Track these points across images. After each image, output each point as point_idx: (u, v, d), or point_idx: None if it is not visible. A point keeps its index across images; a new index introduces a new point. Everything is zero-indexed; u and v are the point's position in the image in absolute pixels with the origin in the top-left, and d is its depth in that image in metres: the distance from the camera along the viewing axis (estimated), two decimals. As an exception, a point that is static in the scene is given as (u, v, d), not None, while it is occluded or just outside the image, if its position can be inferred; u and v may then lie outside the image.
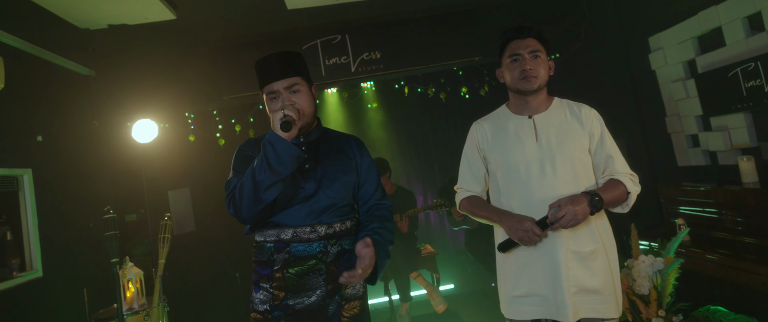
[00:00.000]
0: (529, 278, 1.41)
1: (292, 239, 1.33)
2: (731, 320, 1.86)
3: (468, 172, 1.58)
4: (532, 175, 1.44)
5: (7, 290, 2.53)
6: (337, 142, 1.50)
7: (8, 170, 2.70)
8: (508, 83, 1.52)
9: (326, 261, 1.34)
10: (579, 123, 1.49)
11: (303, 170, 1.39)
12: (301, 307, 1.32)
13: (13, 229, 2.83)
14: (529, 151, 1.46)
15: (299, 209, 1.35)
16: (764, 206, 2.18)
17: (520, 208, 1.44)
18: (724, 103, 2.60)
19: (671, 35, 2.95)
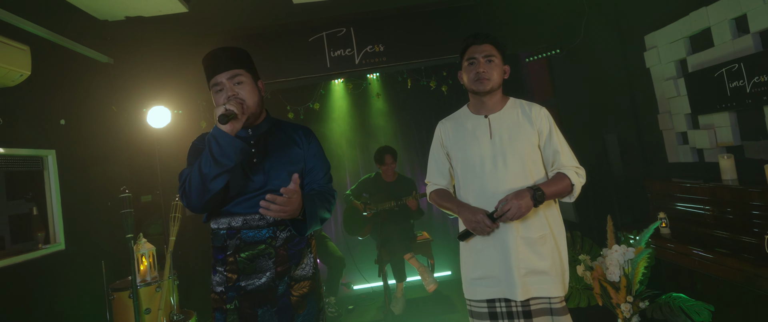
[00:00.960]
0: (484, 262, 1.59)
1: (243, 226, 1.44)
2: (689, 305, 1.99)
3: (434, 167, 1.77)
4: (486, 169, 1.60)
5: (33, 260, 2.78)
6: (286, 132, 1.58)
7: (34, 151, 2.93)
8: (466, 84, 1.69)
9: (275, 246, 1.46)
10: (529, 122, 1.65)
11: (251, 164, 1.48)
12: (252, 288, 1.43)
13: (39, 205, 3.08)
14: (483, 148, 1.63)
15: (249, 199, 1.45)
16: (739, 202, 2.29)
17: (476, 199, 1.61)
18: (710, 103, 2.69)
19: (665, 34, 3.03)
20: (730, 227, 2.32)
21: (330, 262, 3.60)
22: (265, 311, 1.43)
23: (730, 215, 2.34)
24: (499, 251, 1.57)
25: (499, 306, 1.58)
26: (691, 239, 2.40)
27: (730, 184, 2.39)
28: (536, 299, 1.56)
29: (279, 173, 1.49)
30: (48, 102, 3.05)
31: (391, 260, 3.45)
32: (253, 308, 1.43)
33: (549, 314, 1.55)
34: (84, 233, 3.17)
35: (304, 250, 1.53)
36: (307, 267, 1.53)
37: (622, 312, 2.11)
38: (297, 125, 1.64)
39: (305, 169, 1.58)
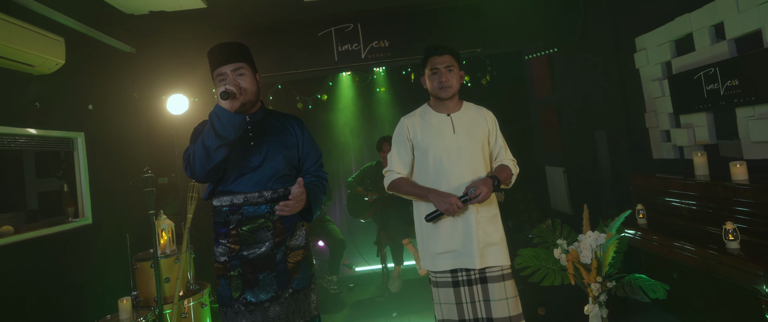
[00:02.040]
0: (447, 239, 1.84)
1: (244, 203, 1.67)
2: (647, 285, 2.21)
3: (398, 158, 1.95)
4: (451, 160, 1.86)
5: (64, 232, 3.09)
6: (280, 121, 1.80)
7: (66, 133, 3.22)
8: (430, 90, 1.94)
9: (273, 219, 1.69)
10: (483, 121, 1.94)
11: (249, 146, 1.70)
12: (254, 256, 1.67)
13: (69, 182, 3.38)
14: (448, 142, 1.88)
15: (248, 179, 1.68)
16: (707, 196, 2.49)
17: (441, 186, 1.86)
18: (690, 103, 2.88)
19: (653, 37, 3.21)
20: (699, 218, 2.53)
21: (332, 244, 3.87)
22: (265, 275, 1.67)
23: (699, 208, 2.55)
24: (463, 228, 1.82)
25: (461, 275, 1.84)
26: (666, 230, 2.62)
27: (702, 179, 2.59)
28: (491, 268, 1.83)
29: (275, 155, 1.72)
30: (78, 89, 3.34)
31: (390, 243, 3.70)
32: (254, 273, 1.67)
33: (501, 280, 1.83)
34: (109, 209, 3.47)
35: (297, 223, 1.77)
36: (300, 238, 1.77)
37: (592, 291, 2.34)
38: (290, 116, 1.86)
39: (300, 155, 1.81)
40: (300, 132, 1.82)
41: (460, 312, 1.83)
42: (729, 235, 2.10)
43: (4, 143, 2.77)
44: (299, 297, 1.73)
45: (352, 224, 4.60)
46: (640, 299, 2.32)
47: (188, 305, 2.99)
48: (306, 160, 1.83)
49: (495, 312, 1.79)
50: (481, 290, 1.82)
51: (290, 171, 1.77)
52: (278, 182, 1.73)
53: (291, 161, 1.77)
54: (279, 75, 4.11)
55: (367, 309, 3.33)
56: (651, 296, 2.16)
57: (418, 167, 1.94)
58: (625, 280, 2.32)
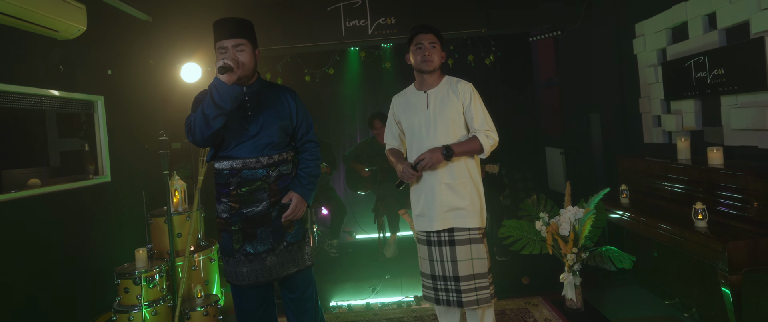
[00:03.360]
0: (420, 202, 2.08)
1: (242, 167, 1.87)
2: (616, 255, 2.38)
3: (389, 132, 2.24)
4: (424, 133, 2.07)
5: (85, 187, 3.34)
6: (275, 93, 1.97)
7: (87, 96, 3.43)
8: (413, 64, 2.11)
9: (269, 182, 1.90)
10: (455, 94, 2.07)
11: (247, 116, 1.87)
12: (252, 214, 1.89)
13: (90, 142, 3.62)
14: (421, 116, 2.07)
15: (246, 146, 1.86)
16: (687, 179, 2.63)
17: (417, 155, 2.05)
18: (680, 90, 2.98)
19: (651, 24, 3.28)
20: (679, 200, 2.68)
21: (334, 209, 4.09)
22: (262, 230, 1.90)
23: (679, 190, 2.70)
24: (428, 193, 2.04)
25: (432, 236, 2.06)
26: (647, 210, 2.76)
27: (683, 163, 2.72)
28: (458, 230, 2.02)
29: (271, 124, 1.90)
30: (98, 54, 3.52)
31: (387, 214, 3.91)
32: (253, 228, 1.89)
33: (468, 243, 2.02)
34: (126, 168, 3.71)
35: (289, 184, 1.99)
36: None
37: (567, 260, 2.53)
38: (284, 87, 2.03)
39: (293, 124, 1.99)
40: (293, 103, 1.99)
41: (432, 268, 2.08)
42: (698, 214, 2.25)
43: (31, 103, 2.98)
44: (293, 249, 1.95)
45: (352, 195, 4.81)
46: (609, 268, 2.50)
47: (198, 259, 3.24)
48: (299, 128, 2.02)
49: (460, 271, 2.01)
50: (449, 252, 2.03)
51: (285, 138, 1.96)
52: (274, 149, 1.92)
53: (285, 129, 1.95)
54: (288, 48, 4.25)
55: (363, 271, 3.57)
56: (617, 265, 2.34)
57: (406, 140, 2.17)
58: (597, 251, 2.50)
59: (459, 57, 4.68)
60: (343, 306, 3.22)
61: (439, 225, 2.01)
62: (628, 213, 2.82)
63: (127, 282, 2.82)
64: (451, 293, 2.02)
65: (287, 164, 1.99)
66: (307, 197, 1.99)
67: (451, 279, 2.02)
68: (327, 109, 5.16)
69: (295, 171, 2.04)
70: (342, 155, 4.53)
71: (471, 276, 2.01)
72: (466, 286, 2.00)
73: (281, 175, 1.95)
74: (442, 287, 2.05)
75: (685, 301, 2.64)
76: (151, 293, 2.87)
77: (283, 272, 1.93)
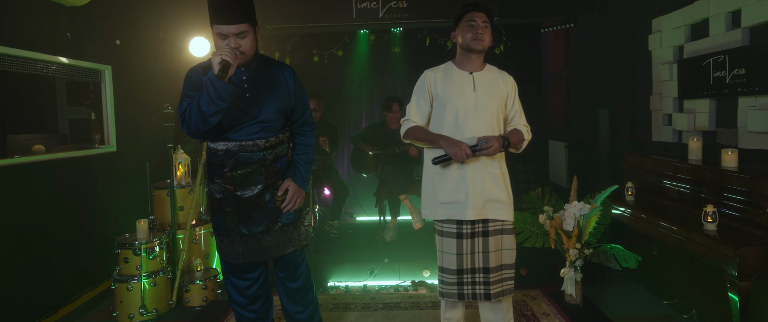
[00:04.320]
0: (453, 190, 1.86)
1: (239, 150, 1.72)
2: (621, 254, 2.25)
3: (417, 108, 1.95)
4: (467, 115, 1.87)
5: (91, 156, 3.22)
6: (273, 72, 1.77)
7: (94, 64, 3.28)
8: (461, 42, 1.89)
9: (265, 165, 1.77)
10: (503, 84, 1.93)
11: (244, 98, 1.70)
12: (246, 197, 1.77)
13: (96, 112, 3.49)
14: (467, 98, 1.88)
15: (243, 128, 1.71)
16: (697, 180, 2.48)
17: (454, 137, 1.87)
18: (695, 89, 2.80)
19: (670, 20, 3.08)
20: (686, 201, 2.54)
21: (335, 190, 3.97)
22: (257, 212, 1.79)
23: (687, 191, 2.55)
24: (469, 181, 1.84)
25: (465, 228, 1.85)
26: (652, 209, 2.63)
27: (693, 163, 2.57)
28: (493, 222, 1.87)
29: (269, 106, 1.74)
30: (107, 24, 3.36)
31: (389, 198, 3.79)
32: (247, 210, 1.77)
33: (501, 233, 1.89)
34: (132, 139, 3.59)
35: (285, 168, 1.87)
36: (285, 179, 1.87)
37: (570, 256, 2.40)
38: (283, 65, 1.84)
39: (291, 105, 1.83)
40: (292, 83, 1.82)
41: (459, 262, 1.87)
42: (708, 217, 2.11)
43: (37, 69, 2.85)
44: (289, 229, 1.85)
45: (355, 178, 4.69)
46: (613, 267, 2.37)
47: (199, 233, 3.14)
48: (296, 110, 1.87)
49: (491, 262, 1.87)
50: (481, 243, 1.87)
51: (282, 120, 1.83)
52: (271, 132, 1.78)
53: (283, 111, 1.81)
54: (298, 27, 4.07)
55: (362, 253, 3.47)
56: (622, 264, 2.21)
57: (435, 118, 1.94)
58: (601, 249, 2.37)
59: (469, 45, 4.49)
60: (340, 287, 3.13)
61: (476, 214, 1.83)
62: (633, 211, 2.68)
63: (127, 252, 2.73)
64: (477, 286, 1.86)
65: (283, 145, 1.86)
66: (304, 186, 1.88)
67: (479, 271, 1.86)
68: (334, 90, 4.99)
69: (291, 152, 1.91)
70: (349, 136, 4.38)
71: (499, 267, 1.88)
72: (494, 277, 1.87)
73: (278, 157, 1.83)
74: (468, 280, 1.87)
75: (684, 302, 2.52)
76: (151, 264, 2.78)
77: (279, 252, 1.84)
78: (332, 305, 2.75)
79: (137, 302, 2.70)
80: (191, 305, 2.89)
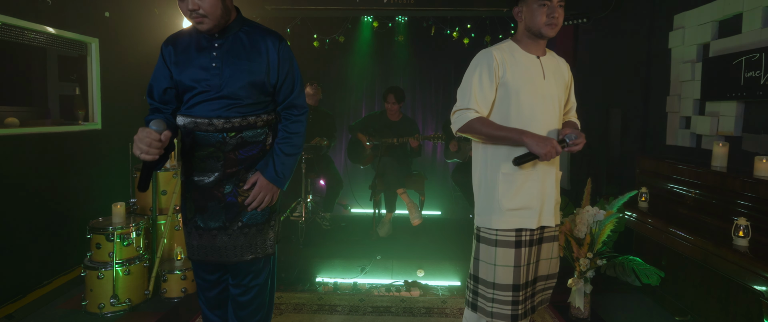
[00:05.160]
0: (525, 193, 1.49)
1: (194, 128, 1.41)
2: (641, 268, 1.95)
3: (480, 94, 1.48)
4: (538, 107, 1.50)
5: (73, 132, 2.90)
6: (254, 40, 1.43)
7: (79, 36, 2.95)
8: (529, 24, 1.49)
9: (225, 150, 1.42)
10: (565, 71, 1.62)
11: (210, 68, 1.38)
12: (202, 184, 1.44)
13: (81, 86, 3.16)
14: (538, 86, 1.50)
15: (203, 103, 1.40)
16: (723, 189, 2.16)
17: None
18: (721, 90, 2.47)
19: (694, 16, 2.74)
20: (706, 210, 2.22)
21: (330, 182, 3.65)
22: (213, 204, 1.45)
23: (708, 199, 2.23)
24: (544, 184, 1.50)
25: (524, 235, 1.50)
26: (667, 216, 2.31)
27: (718, 170, 2.25)
28: (548, 228, 1.57)
29: (236, 80, 1.39)
30: (94, -8, 3.02)
31: (385, 191, 3.47)
32: (203, 201, 1.45)
33: (553, 240, 1.59)
34: (120, 118, 3.26)
35: (257, 157, 1.48)
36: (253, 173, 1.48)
37: (580, 265, 2.09)
38: (269, 32, 1.46)
39: (273, 82, 1.45)
40: (275, 54, 1.43)
41: (516, 276, 1.48)
42: (739, 231, 1.80)
43: (12, 36, 2.51)
44: (250, 232, 1.49)
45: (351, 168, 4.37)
46: (631, 282, 2.05)
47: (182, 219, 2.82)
48: (281, 88, 1.48)
49: (540, 271, 1.57)
50: (535, 252, 1.54)
51: (257, 99, 1.44)
52: (236, 111, 1.42)
53: (259, 87, 1.43)
54: (300, 9, 3.72)
55: (354, 248, 3.16)
56: (643, 280, 1.90)
57: (500, 109, 1.51)
58: (618, 260, 2.05)
59: (476, 36, 4.15)
60: (328, 284, 2.82)
61: (552, 220, 1.54)
62: (647, 218, 2.37)
63: (99, 238, 2.41)
64: (528, 301, 1.55)
65: (255, 129, 1.47)
66: (278, 182, 1.48)
67: (531, 284, 1.56)
68: (334, 77, 4.65)
69: (271, 140, 1.53)
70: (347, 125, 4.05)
71: (545, 277, 1.60)
72: (539, 287, 1.59)
73: (244, 142, 1.46)
74: (524, 297, 1.52)
75: (699, 321, 2.21)
76: (126, 251, 2.46)
77: (235, 257, 1.48)
78: (317, 306, 2.45)
79: (108, 292, 2.39)
80: (168, 295, 2.58)
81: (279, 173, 1.47)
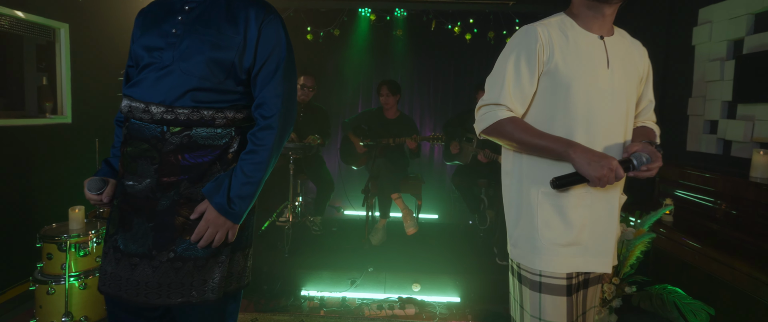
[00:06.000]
0: (577, 226, 1.03)
1: (129, 113, 1.01)
2: (686, 303, 1.57)
3: (516, 86, 1.04)
4: (597, 108, 1.02)
5: (39, 126, 2.52)
6: (235, 6, 1.04)
7: (47, 21, 2.55)
8: None
9: (162, 150, 1.00)
10: (639, 59, 1.11)
11: (169, 34, 1.01)
12: (131, 191, 1.02)
13: (50, 76, 2.76)
14: (600, 78, 1.03)
15: (149, 81, 1.00)
16: (763, 203, 1.79)
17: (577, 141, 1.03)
18: (759, 91, 2.09)
19: (724, 9, 2.36)
20: (748, 227, 1.84)
21: (321, 184, 3.27)
22: (140, 222, 1.01)
23: (750, 215, 1.85)
24: (603, 214, 1.04)
25: (576, 278, 1.06)
26: (696, 233, 1.94)
27: (760, 181, 1.87)
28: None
29: (193, 54, 1.00)
30: (63, -28, 2.62)
31: (379, 195, 3.09)
32: (129, 213, 1.03)
33: (598, 281, 1.14)
34: (92, 111, 2.87)
35: (211, 166, 1.04)
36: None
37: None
38: (253, 1, 1.06)
39: (249, 65, 1.04)
40: (256, 29, 1.03)
41: None
42: (801, 259, 1.42)
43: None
44: (185, 268, 1.01)
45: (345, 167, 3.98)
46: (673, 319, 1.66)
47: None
48: (257, 78, 1.06)
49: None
50: (581, 297, 1.10)
51: (221, 86, 1.03)
52: (188, 98, 1.00)
53: (225, 69, 1.02)
54: None
55: (344, 258, 2.78)
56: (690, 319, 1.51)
57: (542, 107, 1.06)
58: (654, 290, 1.67)
59: (478, 32, 3.76)
60: (315, 298, 2.44)
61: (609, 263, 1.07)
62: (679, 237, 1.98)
63: (50, 247, 2.02)
64: None
65: (212, 128, 1.03)
66: (229, 213, 1.02)
67: None
68: (329, 72, 4.25)
69: (235, 148, 1.07)
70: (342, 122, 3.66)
71: None
72: None
73: (193, 144, 1.02)
74: None
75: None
76: (83, 262, 2.07)
77: (158, 299, 1.00)
78: (299, 327, 2.07)
79: (60, 309, 2.00)
80: (133, 312, 2.19)
81: (232, 201, 1.02)
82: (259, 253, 2.76)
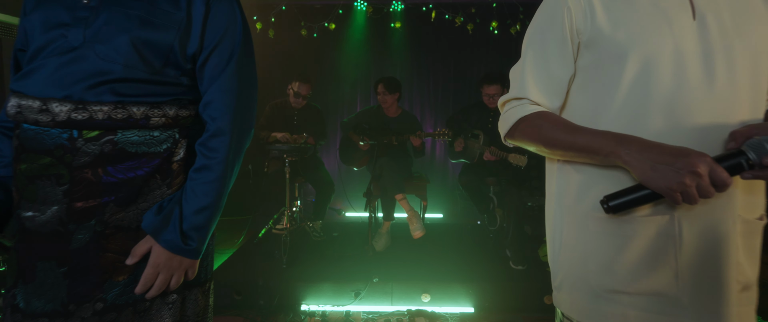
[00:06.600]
0: (652, 263, 0.65)
1: (17, 114, 0.70)
2: None
3: (544, 73, 0.74)
4: (688, 78, 0.64)
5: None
6: None
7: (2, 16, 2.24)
8: None
9: (72, 164, 0.69)
10: None
11: (80, 6, 0.72)
12: (33, 226, 0.71)
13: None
14: (682, 37, 0.65)
15: (43, 70, 0.69)
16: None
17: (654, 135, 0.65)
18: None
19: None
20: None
21: (320, 186, 2.99)
22: (46, 266, 0.70)
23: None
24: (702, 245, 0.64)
25: None
26: None
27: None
28: None
29: (114, 32, 0.71)
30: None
31: (382, 196, 2.81)
32: (32, 258, 0.72)
33: None
34: None
35: (148, 181, 0.74)
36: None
37: None
38: None
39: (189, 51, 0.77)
40: (203, 5, 0.77)
41: None
42: None
43: None
44: (120, 320, 0.73)
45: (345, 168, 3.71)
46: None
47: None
48: (207, 62, 0.78)
49: None
50: None
51: (156, 75, 0.75)
52: (106, 90, 0.70)
53: (160, 53, 0.74)
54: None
55: (346, 268, 2.51)
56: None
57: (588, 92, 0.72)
58: None
59: (481, 22, 3.48)
60: (316, 313, 2.17)
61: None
62: None
63: None
64: None
65: (146, 130, 0.75)
66: (190, 252, 0.76)
67: None
68: (324, 69, 3.97)
69: (181, 156, 0.79)
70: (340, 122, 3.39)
71: None
72: None
73: (121, 153, 0.73)
74: None
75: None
76: None
77: None
78: (299, 351, 1.79)
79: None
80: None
81: (187, 236, 0.75)
82: (255, 264, 2.48)
